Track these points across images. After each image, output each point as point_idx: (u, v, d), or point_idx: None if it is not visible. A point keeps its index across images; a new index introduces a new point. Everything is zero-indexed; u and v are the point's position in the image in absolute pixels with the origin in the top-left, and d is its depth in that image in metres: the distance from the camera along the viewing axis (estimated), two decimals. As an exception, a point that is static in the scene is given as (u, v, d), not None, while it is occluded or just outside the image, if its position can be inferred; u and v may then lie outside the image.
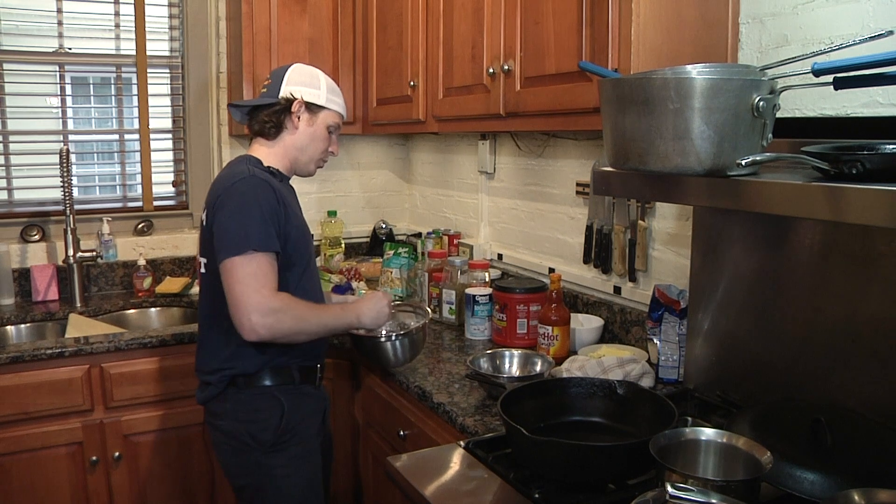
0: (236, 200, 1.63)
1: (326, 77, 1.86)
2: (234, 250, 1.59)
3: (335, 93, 1.86)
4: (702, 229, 1.69)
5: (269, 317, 1.57)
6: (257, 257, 1.59)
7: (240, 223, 1.60)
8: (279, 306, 1.59)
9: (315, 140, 1.82)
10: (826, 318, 1.41)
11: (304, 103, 1.79)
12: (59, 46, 2.77)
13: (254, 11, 2.61)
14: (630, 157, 1.17)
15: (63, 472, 2.17)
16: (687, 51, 1.51)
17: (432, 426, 1.78)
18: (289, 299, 1.64)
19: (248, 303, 1.56)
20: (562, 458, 1.25)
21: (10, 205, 2.78)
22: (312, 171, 1.89)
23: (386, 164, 3.37)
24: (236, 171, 1.70)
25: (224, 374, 1.72)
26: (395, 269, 2.71)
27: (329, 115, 1.83)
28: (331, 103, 1.83)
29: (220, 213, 1.64)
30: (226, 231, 1.61)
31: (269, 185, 1.67)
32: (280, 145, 1.81)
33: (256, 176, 1.67)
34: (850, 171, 0.96)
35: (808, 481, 1.11)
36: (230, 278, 1.59)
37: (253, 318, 1.56)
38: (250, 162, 1.75)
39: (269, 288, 1.59)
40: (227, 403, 1.73)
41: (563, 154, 2.33)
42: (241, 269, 1.58)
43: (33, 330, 2.55)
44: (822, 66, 1.05)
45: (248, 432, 1.71)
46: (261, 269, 1.58)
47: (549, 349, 1.95)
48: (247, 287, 1.57)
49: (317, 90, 1.80)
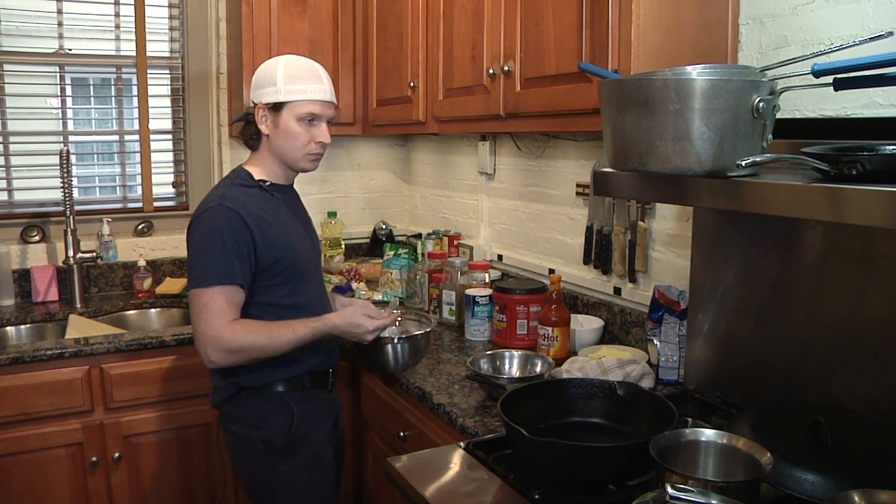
0: (200, 232, 1.65)
1: (289, 64, 1.72)
2: (193, 282, 1.64)
3: (299, 80, 1.71)
4: (702, 230, 1.69)
5: (222, 350, 1.61)
6: (214, 291, 1.60)
7: (201, 256, 1.63)
8: (228, 339, 1.60)
9: (288, 138, 1.72)
10: (826, 318, 1.42)
11: (264, 106, 1.71)
12: (59, 47, 2.77)
13: (254, 12, 2.62)
14: (630, 157, 1.17)
15: (63, 473, 2.17)
16: (687, 52, 1.51)
17: (432, 427, 1.78)
18: (244, 329, 1.63)
19: (203, 335, 1.61)
20: (562, 458, 1.25)
21: (11, 205, 2.78)
22: (308, 166, 1.79)
23: (386, 164, 3.37)
24: (210, 197, 1.70)
25: (233, 382, 1.73)
26: (395, 270, 2.71)
27: (293, 107, 1.70)
28: (291, 94, 1.70)
29: (188, 241, 1.68)
30: (190, 263, 1.67)
31: (235, 215, 1.63)
32: (263, 153, 1.78)
33: (224, 205, 1.64)
34: (850, 171, 0.96)
35: (808, 482, 1.11)
36: (191, 310, 1.65)
37: (208, 350, 1.61)
38: (236, 180, 1.73)
39: (221, 321, 1.60)
40: (239, 408, 1.74)
41: (563, 155, 2.33)
42: (198, 301, 1.61)
43: (33, 331, 2.55)
44: (822, 67, 1.05)
45: (259, 437, 1.71)
46: (214, 302, 1.60)
47: (549, 350, 1.95)
48: (201, 320, 1.61)
49: (272, 87, 1.70)
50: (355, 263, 2.98)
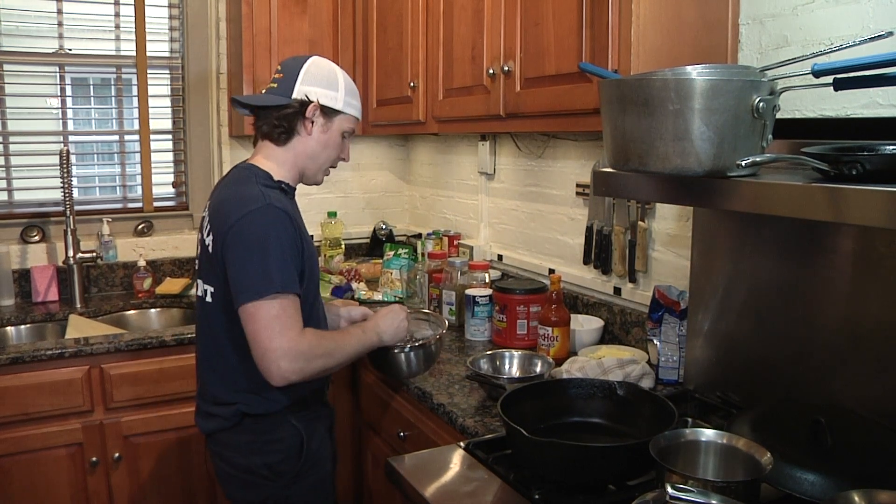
0: (253, 236, 1.47)
1: (345, 75, 1.67)
2: (254, 294, 1.44)
3: (353, 94, 1.67)
4: (702, 230, 1.69)
5: (299, 361, 1.45)
6: (280, 299, 1.45)
7: (259, 263, 1.45)
8: (306, 348, 1.47)
9: (328, 148, 1.64)
10: (826, 318, 1.41)
11: (320, 107, 1.60)
12: (59, 47, 2.77)
13: (254, 13, 2.62)
14: (630, 158, 1.17)
15: (63, 473, 2.17)
16: (687, 52, 1.51)
17: (432, 427, 1.78)
18: (315, 337, 1.51)
19: (276, 349, 1.43)
20: (562, 459, 1.25)
21: (11, 205, 2.78)
22: (321, 180, 1.71)
23: (386, 164, 3.37)
24: (248, 195, 1.51)
25: (236, 409, 1.58)
26: (395, 270, 2.71)
27: (345, 120, 1.65)
28: (348, 107, 1.65)
29: (234, 247, 1.48)
30: (244, 271, 1.46)
31: (286, 217, 1.50)
32: (290, 152, 1.62)
33: (272, 205, 1.50)
34: (850, 171, 0.96)
35: (808, 482, 1.11)
36: (253, 324, 1.45)
37: (282, 364, 1.44)
38: (259, 179, 1.57)
39: (296, 330, 1.46)
40: (240, 436, 1.60)
41: (564, 155, 2.33)
42: (265, 313, 1.44)
43: (33, 331, 2.55)
44: (821, 67, 1.05)
45: (264, 464, 1.58)
46: (285, 311, 1.45)
47: (549, 350, 1.95)
48: (272, 332, 1.44)
49: (335, 92, 1.62)
50: (355, 263, 2.98)
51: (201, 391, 1.69)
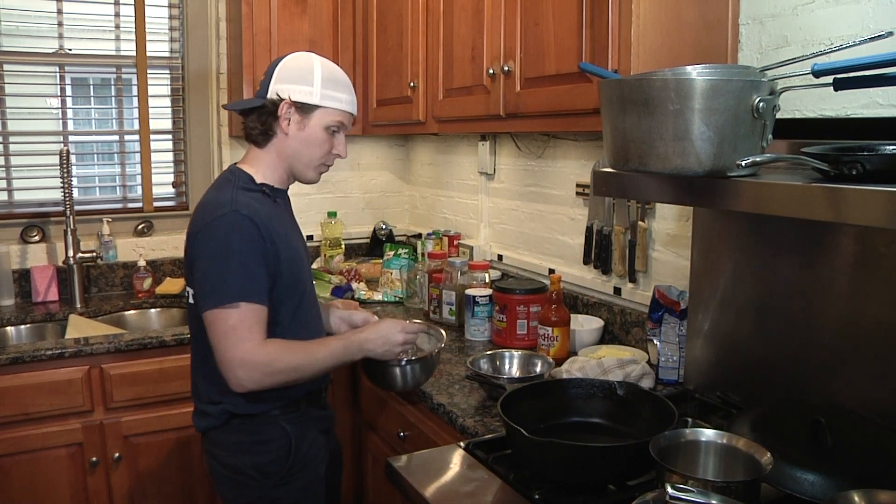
0: (216, 242, 1.47)
1: (326, 67, 1.60)
2: (213, 302, 1.45)
3: (336, 86, 1.60)
4: (702, 230, 1.69)
5: (255, 372, 1.45)
6: (240, 308, 1.44)
7: (220, 270, 1.46)
8: (263, 360, 1.46)
9: (311, 145, 1.59)
10: (826, 318, 1.42)
11: (293, 104, 1.56)
12: (59, 47, 2.77)
13: (254, 12, 2.62)
14: (630, 158, 1.17)
15: (63, 473, 2.17)
16: (687, 52, 1.51)
17: (432, 427, 1.78)
18: (279, 349, 1.49)
19: (230, 359, 1.44)
20: (562, 459, 1.25)
21: (11, 205, 2.78)
22: (314, 178, 1.67)
23: (386, 164, 3.37)
24: (217, 201, 1.52)
25: (223, 408, 1.58)
26: (395, 270, 2.71)
27: (325, 114, 1.58)
28: (327, 100, 1.58)
29: (199, 253, 1.49)
30: (205, 278, 1.48)
31: (251, 224, 1.48)
32: (271, 153, 1.61)
33: (238, 212, 1.48)
34: (850, 171, 0.96)
35: (808, 482, 1.11)
36: (212, 332, 1.46)
37: (239, 374, 1.45)
38: (238, 182, 1.57)
39: (253, 342, 1.45)
40: (230, 435, 1.60)
41: (564, 155, 2.33)
42: (223, 322, 1.44)
43: (33, 331, 2.55)
44: (822, 67, 1.05)
45: (251, 464, 1.58)
46: (243, 321, 1.44)
47: (549, 350, 1.95)
48: (228, 343, 1.44)
49: (308, 87, 1.56)
50: (355, 263, 2.98)
51: (194, 390, 1.69)
